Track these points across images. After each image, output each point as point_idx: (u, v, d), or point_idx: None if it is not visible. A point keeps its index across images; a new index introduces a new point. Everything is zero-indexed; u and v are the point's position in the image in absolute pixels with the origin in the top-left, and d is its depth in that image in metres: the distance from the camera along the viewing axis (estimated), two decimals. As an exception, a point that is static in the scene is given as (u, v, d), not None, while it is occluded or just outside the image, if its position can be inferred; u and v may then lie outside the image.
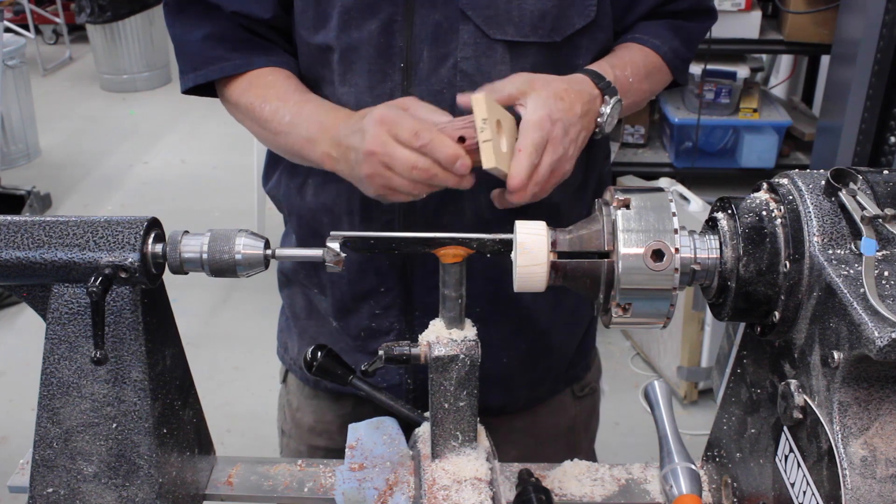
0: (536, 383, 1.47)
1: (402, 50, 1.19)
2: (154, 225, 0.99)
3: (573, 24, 1.20)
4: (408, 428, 1.18)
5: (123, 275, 0.95)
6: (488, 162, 1.03)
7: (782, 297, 0.86)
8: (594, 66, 1.20)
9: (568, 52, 1.22)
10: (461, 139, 1.05)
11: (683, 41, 1.32)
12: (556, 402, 1.51)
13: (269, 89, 1.23)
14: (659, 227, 0.89)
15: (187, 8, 1.26)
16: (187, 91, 1.31)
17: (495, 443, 1.12)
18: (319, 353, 1.17)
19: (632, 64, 1.25)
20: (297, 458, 1.55)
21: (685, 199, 3.12)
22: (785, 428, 0.88)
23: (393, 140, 1.05)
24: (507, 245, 0.96)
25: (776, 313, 0.87)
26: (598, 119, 1.15)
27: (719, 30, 3.37)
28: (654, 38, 1.29)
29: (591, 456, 1.64)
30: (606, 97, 1.15)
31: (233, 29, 1.24)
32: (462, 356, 1.02)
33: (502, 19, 1.17)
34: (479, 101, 1.03)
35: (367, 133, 1.06)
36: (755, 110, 3.63)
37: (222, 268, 0.98)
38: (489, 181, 1.10)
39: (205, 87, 1.30)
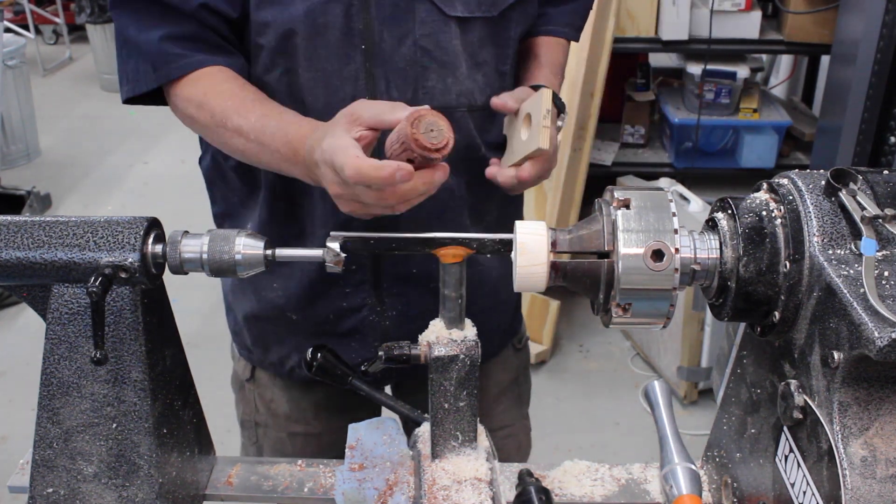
0: (489, 339, 1.51)
1: (362, 32, 1.23)
2: (154, 225, 0.99)
3: None
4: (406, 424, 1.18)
5: (123, 275, 0.95)
6: (544, 143, 1.17)
7: (782, 297, 0.86)
8: (544, 81, 1.37)
9: (503, 25, 1.33)
10: (410, 161, 1.03)
11: (583, 14, 1.50)
12: (501, 356, 1.61)
13: (227, 101, 1.21)
14: (659, 227, 0.89)
15: (140, 8, 1.23)
16: (133, 99, 1.27)
17: None
18: (319, 354, 1.17)
19: (559, 66, 1.45)
20: (277, 447, 1.58)
21: (685, 199, 3.12)
22: (785, 428, 0.88)
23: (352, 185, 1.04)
24: (507, 245, 0.96)
25: (776, 313, 0.87)
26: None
27: (719, 30, 3.39)
28: (563, 26, 1.46)
29: (527, 406, 1.76)
30: (562, 114, 1.35)
31: (192, 28, 1.22)
32: (462, 356, 1.02)
33: None
34: (548, 94, 1.19)
35: (326, 179, 1.08)
36: (755, 110, 3.63)
37: (222, 268, 0.98)
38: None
39: (150, 96, 1.28)
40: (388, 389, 1.61)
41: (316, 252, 0.99)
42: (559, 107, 1.35)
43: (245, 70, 1.27)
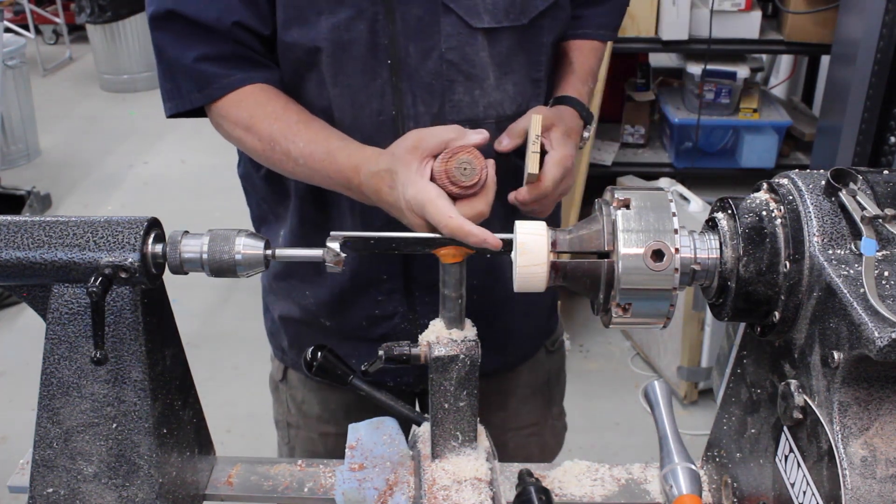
0: (520, 343, 1.55)
1: (387, 47, 1.23)
2: (154, 225, 0.99)
3: (537, 6, 1.28)
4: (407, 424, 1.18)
5: (123, 275, 0.95)
6: (533, 168, 1.17)
7: (782, 297, 0.86)
8: (573, 92, 1.37)
9: (534, 33, 1.30)
10: (458, 186, 1.06)
11: (619, 13, 1.49)
12: (533, 359, 1.60)
13: (273, 123, 1.22)
14: (659, 227, 0.89)
15: (178, 28, 1.24)
16: (179, 114, 1.29)
17: (484, 406, 1.14)
18: (319, 354, 1.17)
19: (590, 72, 1.43)
20: (308, 447, 1.59)
21: (685, 199, 3.12)
22: (785, 428, 0.88)
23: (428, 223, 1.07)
24: (507, 245, 0.96)
25: (776, 313, 0.87)
26: (580, 143, 1.36)
27: (719, 30, 3.39)
28: (598, 29, 1.45)
29: (562, 410, 1.75)
30: (588, 126, 1.35)
31: (229, 47, 1.24)
32: (462, 356, 1.02)
33: (479, 8, 1.24)
34: (538, 119, 1.19)
35: (413, 223, 1.09)
36: (755, 110, 3.63)
37: (222, 268, 0.98)
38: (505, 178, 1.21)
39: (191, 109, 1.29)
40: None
41: (316, 252, 0.99)
42: (585, 118, 1.34)
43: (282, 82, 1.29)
